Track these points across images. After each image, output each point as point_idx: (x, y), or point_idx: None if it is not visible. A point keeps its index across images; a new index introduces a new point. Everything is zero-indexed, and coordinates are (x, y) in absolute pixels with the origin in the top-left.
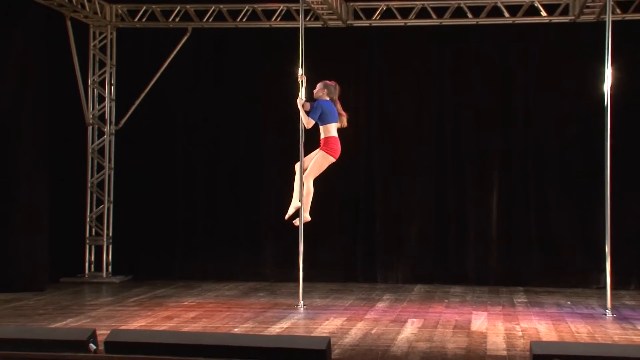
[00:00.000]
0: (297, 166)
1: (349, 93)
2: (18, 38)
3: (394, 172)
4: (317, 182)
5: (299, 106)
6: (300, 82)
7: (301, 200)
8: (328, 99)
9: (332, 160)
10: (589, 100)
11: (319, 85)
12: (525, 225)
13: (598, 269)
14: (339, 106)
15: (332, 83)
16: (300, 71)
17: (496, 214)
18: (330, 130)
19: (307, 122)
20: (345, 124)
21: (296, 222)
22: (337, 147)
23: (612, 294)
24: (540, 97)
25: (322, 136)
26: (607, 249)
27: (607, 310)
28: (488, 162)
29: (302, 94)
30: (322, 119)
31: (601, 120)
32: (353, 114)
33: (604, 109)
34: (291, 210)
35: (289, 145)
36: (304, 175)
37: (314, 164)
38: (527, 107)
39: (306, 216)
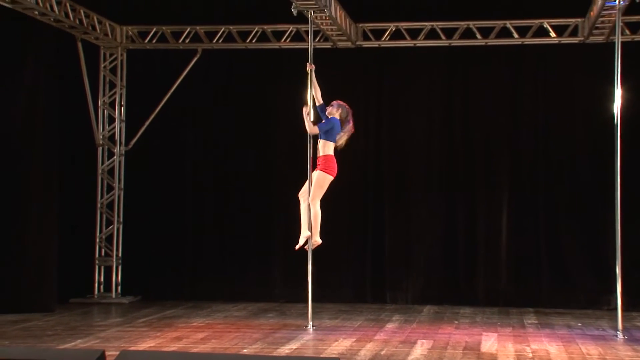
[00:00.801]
0: (301, 195)
1: (358, 113)
2: (30, 60)
3: (403, 192)
4: (325, 202)
5: (304, 114)
6: (309, 72)
7: (310, 228)
8: (339, 118)
9: (331, 178)
10: (598, 121)
11: (335, 104)
12: (535, 246)
13: (609, 290)
14: (349, 126)
15: (345, 105)
16: (309, 96)
17: (506, 234)
18: (329, 148)
19: (310, 128)
20: (343, 144)
21: (307, 247)
22: (335, 166)
23: (623, 316)
24: (550, 118)
25: (320, 153)
26: (618, 270)
27: (618, 332)
28: (498, 182)
29: (308, 107)
30: (327, 135)
31: (611, 141)
32: (362, 134)
33: (613, 129)
34: (302, 241)
35: (298, 165)
36: (309, 199)
37: (315, 186)
38: (537, 127)
39: (317, 240)
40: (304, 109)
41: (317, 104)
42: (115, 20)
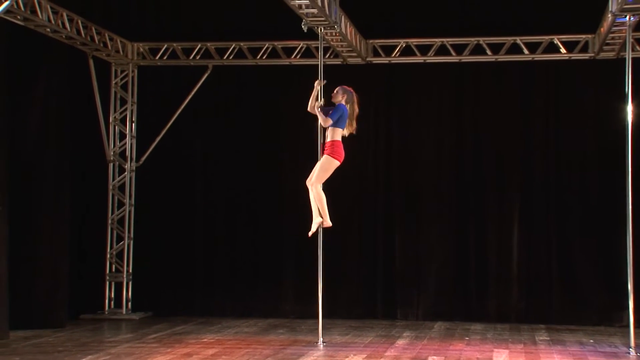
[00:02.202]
0: (308, 182)
1: (367, 130)
2: (42, 77)
3: (414, 208)
4: (337, 217)
5: (316, 109)
6: (318, 89)
7: (320, 214)
8: (345, 103)
9: (337, 164)
10: (609, 138)
11: (338, 90)
12: (546, 261)
13: (621, 307)
14: (355, 112)
15: (350, 89)
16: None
17: (517, 250)
18: (338, 134)
19: (324, 121)
20: (354, 129)
21: (314, 227)
22: (342, 151)
23: (635, 332)
24: (561, 134)
25: (328, 139)
26: (630, 286)
27: (630, 349)
28: (508, 198)
29: (319, 101)
30: (337, 122)
31: (622, 156)
32: (372, 151)
33: (625, 145)
34: (314, 227)
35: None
36: (311, 182)
37: (320, 169)
38: (547, 144)
39: (327, 221)
40: (315, 103)
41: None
42: (126, 37)
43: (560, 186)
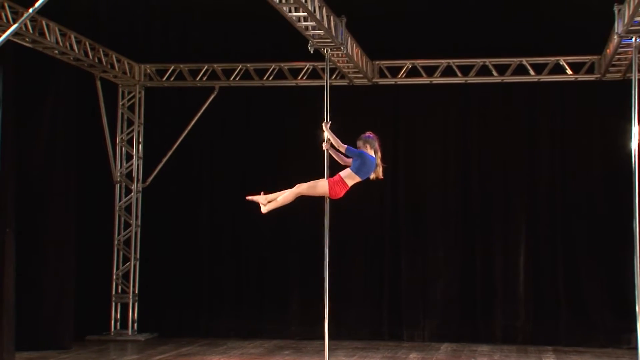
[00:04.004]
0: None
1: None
2: (49, 98)
3: (420, 228)
4: (343, 237)
5: (331, 151)
6: (326, 133)
7: (271, 199)
8: (372, 153)
9: (327, 194)
10: (616, 158)
11: (359, 143)
12: (553, 283)
13: (629, 329)
14: (378, 157)
15: (370, 135)
16: (326, 120)
17: (523, 271)
18: (352, 180)
19: (338, 144)
20: (380, 175)
21: (255, 198)
22: (342, 193)
23: None
24: (567, 154)
25: (342, 174)
26: (638, 308)
27: None
28: (515, 219)
29: (326, 134)
30: (357, 168)
31: (629, 178)
32: None
33: (631, 166)
34: (257, 199)
35: (315, 201)
36: (297, 184)
37: (312, 182)
38: (553, 164)
39: (266, 207)
40: (324, 125)
41: (344, 150)
42: (133, 59)
43: (567, 206)
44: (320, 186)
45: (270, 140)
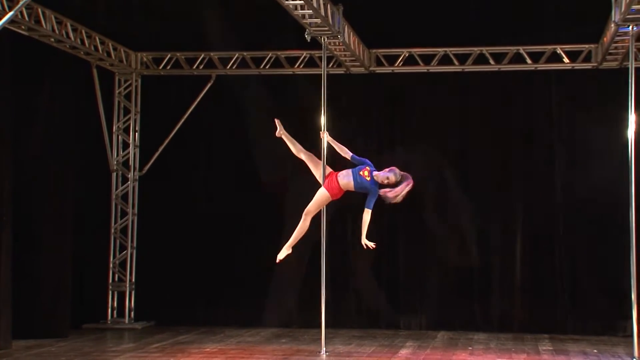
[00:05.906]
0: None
1: (370, 138)
2: (45, 86)
3: (417, 217)
4: (339, 227)
5: (328, 139)
6: (323, 139)
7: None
8: (381, 183)
9: (330, 198)
10: (612, 147)
11: (389, 174)
12: (549, 271)
13: (624, 317)
14: (393, 193)
15: (396, 171)
16: (323, 121)
17: (520, 260)
18: (347, 187)
19: (342, 150)
20: (399, 200)
21: (282, 256)
22: (339, 194)
23: (639, 342)
24: (563, 143)
25: (339, 177)
26: (634, 296)
27: (634, 359)
28: (512, 207)
29: (324, 142)
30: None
31: (625, 166)
32: (376, 160)
33: (628, 155)
34: (282, 256)
35: (313, 190)
36: (304, 212)
37: (314, 200)
38: (551, 152)
39: (287, 251)
40: (325, 135)
41: (349, 157)
42: (130, 47)
43: (563, 195)
44: (322, 197)
45: (267, 128)
